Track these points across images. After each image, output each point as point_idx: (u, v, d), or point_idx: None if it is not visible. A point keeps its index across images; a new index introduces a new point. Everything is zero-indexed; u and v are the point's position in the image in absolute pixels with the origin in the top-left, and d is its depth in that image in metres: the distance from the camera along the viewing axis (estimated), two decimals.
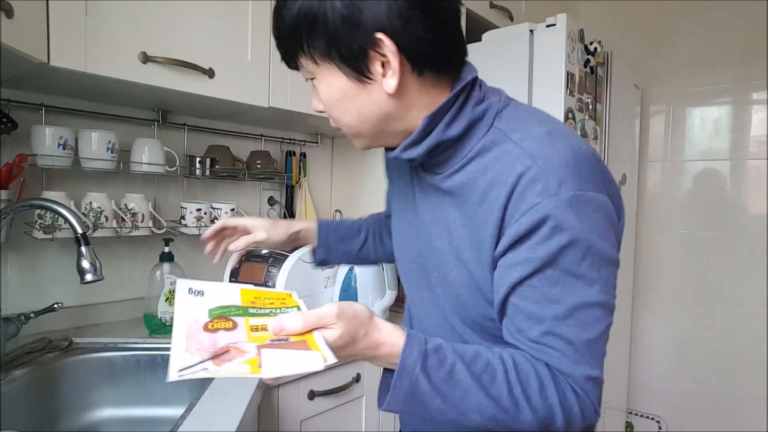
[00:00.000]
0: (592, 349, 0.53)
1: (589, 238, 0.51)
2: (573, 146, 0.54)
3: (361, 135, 0.62)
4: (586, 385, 0.53)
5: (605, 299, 0.53)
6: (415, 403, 0.51)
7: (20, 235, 1.12)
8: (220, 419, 0.76)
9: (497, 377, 0.52)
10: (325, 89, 0.59)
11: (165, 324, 1.18)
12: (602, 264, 0.53)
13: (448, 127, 0.58)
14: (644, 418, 2.24)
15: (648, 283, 2.24)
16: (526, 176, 0.52)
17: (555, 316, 0.52)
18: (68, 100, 1.20)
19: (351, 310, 0.51)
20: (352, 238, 0.92)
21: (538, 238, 0.51)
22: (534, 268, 0.52)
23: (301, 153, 1.74)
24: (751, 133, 1.99)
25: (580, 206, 0.51)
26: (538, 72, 1.50)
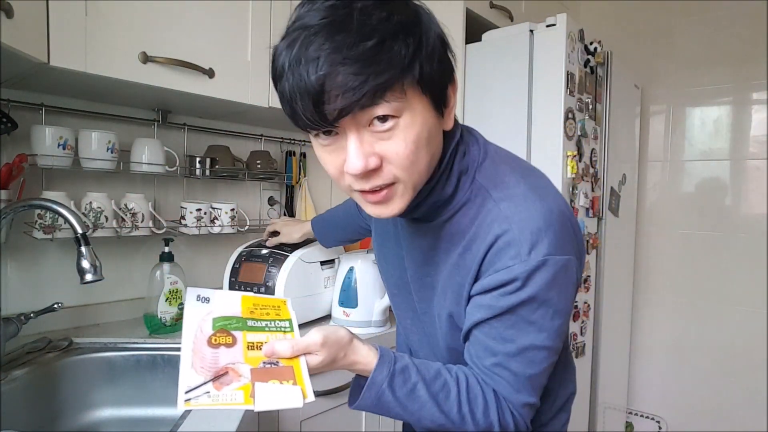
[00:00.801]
0: (533, 382, 0.62)
1: (546, 295, 0.58)
2: (545, 211, 0.58)
3: (417, 186, 0.58)
4: (522, 409, 0.63)
5: (551, 344, 0.61)
6: (379, 409, 0.62)
7: (20, 235, 1.12)
8: (220, 419, 0.76)
9: (450, 396, 0.61)
10: (418, 126, 0.53)
11: (165, 324, 1.18)
12: (555, 316, 0.60)
13: (444, 186, 0.62)
14: (644, 418, 2.24)
15: (648, 283, 2.24)
16: (502, 239, 0.58)
17: (506, 352, 0.61)
18: (68, 100, 1.20)
19: (335, 337, 0.59)
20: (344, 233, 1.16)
21: (503, 291, 0.58)
22: (495, 313, 0.60)
23: (301, 153, 1.74)
24: (751, 133, 1.99)
25: (545, 270, 0.57)
26: (538, 72, 1.50)
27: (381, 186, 0.55)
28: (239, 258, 1.28)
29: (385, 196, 0.56)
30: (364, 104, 0.48)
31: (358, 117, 0.50)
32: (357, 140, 0.52)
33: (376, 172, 0.54)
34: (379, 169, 0.53)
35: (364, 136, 0.52)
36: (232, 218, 1.40)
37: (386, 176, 0.54)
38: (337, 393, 1.13)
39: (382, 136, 0.52)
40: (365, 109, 0.49)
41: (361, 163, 0.52)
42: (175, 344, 1.13)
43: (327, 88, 0.48)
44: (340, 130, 0.52)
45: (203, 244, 1.50)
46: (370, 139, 0.52)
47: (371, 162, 0.52)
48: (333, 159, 0.56)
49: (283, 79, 0.52)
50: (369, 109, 0.49)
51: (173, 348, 1.11)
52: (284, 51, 0.51)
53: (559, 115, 1.46)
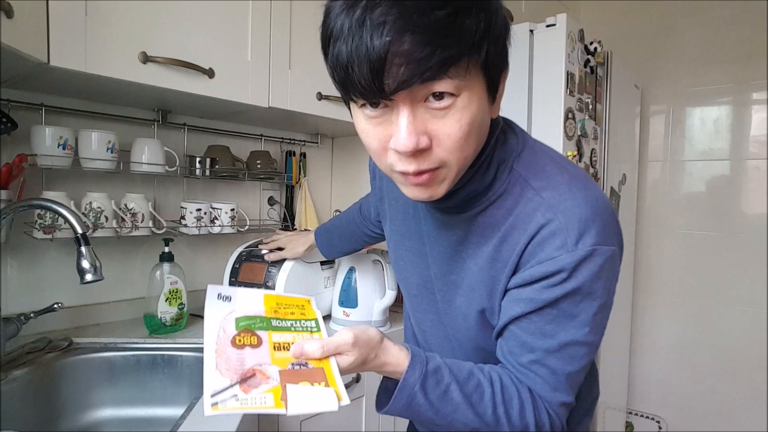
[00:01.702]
0: (571, 380, 0.60)
1: (591, 288, 0.55)
2: (591, 200, 0.56)
3: (460, 173, 0.55)
4: (560, 409, 0.60)
5: (593, 340, 0.58)
6: (410, 413, 0.58)
7: (20, 235, 1.12)
8: (220, 419, 0.76)
9: (485, 397, 0.58)
10: (474, 108, 0.50)
11: (165, 324, 1.18)
12: (598, 310, 0.57)
13: (484, 174, 0.59)
14: (644, 418, 2.24)
15: (648, 283, 2.24)
16: (546, 228, 0.55)
17: (546, 348, 0.58)
18: (68, 100, 1.20)
19: (365, 337, 0.56)
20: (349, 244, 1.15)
21: (546, 283, 0.55)
22: (535, 307, 0.57)
23: (301, 153, 1.74)
24: (751, 133, 1.99)
25: (593, 261, 0.54)
26: (538, 72, 1.50)
27: (426, 169, 0.51)
28: (239, 258, 1.28)
29: (428, 179, 0.52)
30: (427, 77, 0.45)
31: (416, 91, 0.47)
32: (410, 115, 0.48)
33: (424, 153, 0.50)
34: (428, 151, 0.50)
35: (417, 112, 0.48)
36: (232, 218, 1.40)
37: (434, 159, 0.51)
38: None
39: (436, 114, 0.48)
40: (426, 83, 0.46)
41: (413, 140, 0.48)
42: (175, 344, 1.13)
43: (390, 57, 0.44)
44: (391, 103, 0.49)
45: (203, 244, 1.50)
46: (423, 116, 0.49)
47: (422, 141, 0.49)
48: (378, 133, 0.51)
49: (340, 41, 0.46)
50: (430, 83, 0.46)
51: (173, 348, 1.11)
52: (343, 12, 0.46)
53: (559, 115, 1.46)
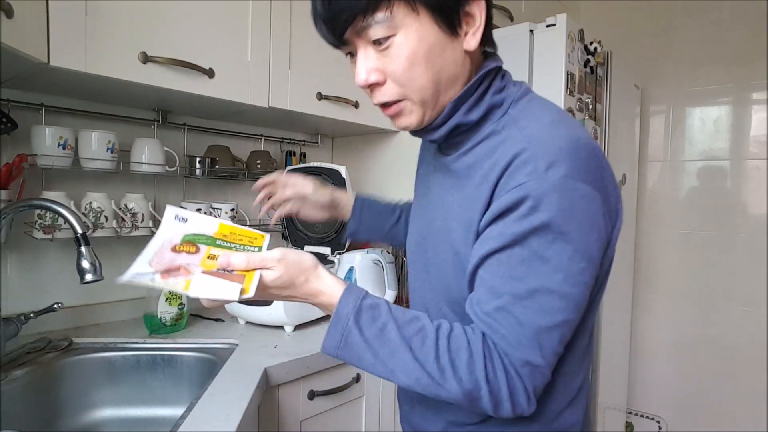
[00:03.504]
0: (541, 337, 0.53)
1: (564, 226, 0.52)
2: (572, 135, 0.55)
3: (424, 103, 0.59)
4: (523, 369, 0.54)
5: (568, 291, 0.53)
6: (348, 351, 0.56)
7: (20, 235, 1.12)
8: (220, 419, 0.76)
9: (427, 342, 0.55)
10: (413, 43, 0.56)
11: (165, 324, 1.18)
12: (575, 256, 0.52)
13: (470, 111, 0.61)
14: (644, 418, 2.24)
15: (648, 283, 2.24)
16: (519, 157, 0.54)
17: (514, 293, 0.53)
18: (68, 100, 1.20)
19: (295, 256, 0.57)
20: (387, 216, 0.94)
21: (515, 215, 0.53)
22: (504, 243, 0.53)
23: (301, 153, 1.74)
24: (751, 133, 1.99)
25: (564, 191, 0.51)
26: (538, 72, 1.50)
27: (388, 102, 0.60)
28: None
29: (394, 111, 0.61)
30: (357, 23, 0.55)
31: (363, 35, 0.56)
32: (363, 56, 0.58)
33: (381, 87, 0.59)
34: (383, 85, 0.59)
35: (369, 52, 0.58)
36: (232, 218, 1.40)
37: (390, 93, 0.59)
38: (337, 393, 1.13)
39: (383, 53, 0.57)
40: (363, 30, 0.56)
41: (363, 76, 0.58)
42: (175, 344, 1.13)
43: (329, 10, 0.56)
44: (353, 49, 0.59)
45: None
46: (375, 55, 0.58)
47: (372, 76, 0.58)
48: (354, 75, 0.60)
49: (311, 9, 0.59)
50: (365, 29, 0.56)
51: (173, 348, 1.11)
52: None
53: None
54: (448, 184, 0.65)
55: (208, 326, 1.26)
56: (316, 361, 1.08)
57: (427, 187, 0.72)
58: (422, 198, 0.74)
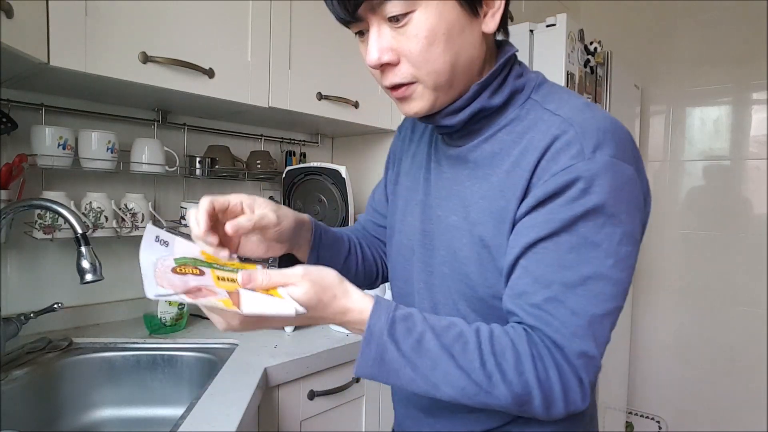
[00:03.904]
0: (595, 326, 0.50)
1: (615, 208, 0.50)
2: (609, 117, 0.54)
3: (441, 87, 0.56)
4: (578, 360, 0.50)
5: (620, 276, 0.51)
6: (385, 370, 0.50)
7: (20, 235, 1.12)
8: (220, 419, 0.76)
9: (469, 348, 0.50)
10: (433, 20, 0.52)
11: (165, 324, 1.18)
12: (623, 238, 0.51)
13: (493, 95, 0.58)
14: (644, 418, 2.24)
15: (648, 283, 2.24)
16: (561, 139, 0.52)
17: (565, 282, 0.50)
18: (68, 100, 1.20)
19: (318, 271, 0.51)
20: (339, 246, 0.76)
21: (563, 199, 0.50)
22: (552, 229, 0.50)
23: (301, 153, 1.74)
24: (751, 133, 1.99)
25: (613, 173, 0.50)
26: None
27: (399, 84, 0.55)
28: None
29: (403, 93, 0.56)
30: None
31: (378, 11, 0.52)
32: (376, 33, 0.54)
33: (394, 68, 0.55)
34: (397, 66, 0.55)
35: (383, 30, 0.54)
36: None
37: (403, 74, 0.55)
38: (337, 393, 1.13)
39: (399, 32, 0.53)
40: (380, 4, 0.52)
41: (375, 55, 0.54)
42: (175, 344, 1.13)
43: None
44: (366, 26, 0.55)
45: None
46: (389, 33, 0.54)
47: (385, 56, 0.54)
48: (365, 55, 0.57)
49: None
50: (383, 3, 0.52)
51: (173, 348, 1.11)
52: None
53: None
54: (463, 175, 0.61)
55: (208, 326, 1.26)
56: (316, 361, 1.08)
57: (423, 183, 0.68)
58: (415, 194, 0.69)
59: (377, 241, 0.82)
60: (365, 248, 0.80)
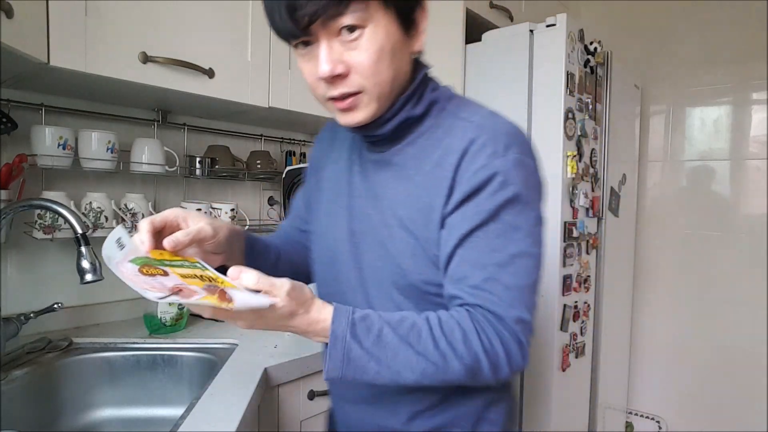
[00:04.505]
0: (526, 295, 0.60)
1: (528, 196, 0.60)
2: (512, 124, 0.64)
3: (380, 98, 0.61)
4: (516, 326, 0.59)
5: (538, 251, 0.62)
6: (352, 368, 0.57)
7: (20, 235, 1.12)
8: (220, 419, 0.76)
9: (423, 334, 0.58)
10: (382, 38, 0.58)
11: (165, 324, 1.18)
12: (536, 221, 0.62)
13: (415, 106, 0.65)
14: (644, 418, 2.24)
15: (648, 283, 2.24)
16: (477, 142, 0.60)
17: (497, 263, 0.59)
18: (68, 100, 1.20)
19: (299, 290, 0.56)
20: (269, 253, 0.79)
21: (486, 193, 0.59)
22: (481, 220, 0.59)
23: (301, 153, 1.74)
24: (751, 133, 1.99)
25: (523, 167, 0.60)
26: (538, 72, 1.50)
27: (347, 93, 0.60)
28: None
29: (350, 103, 0.61)
30: (330, 10, 0.55)
31: (328, 26, 0.57)
32: (327, 47, 0.58)
33: (343, 79, 0.59)
34: (346, 77, 0.59)
35: (333, 44, 0.58)
36: (232, 218, 1.40)
37: (352, 84, 0.60)
38: None
39: (349, 46, 0.58)
40: (334, 18, 0.56)
41: (328, 67, 0.58)
42: (175, 344, 1.13)
43: None
44: (314, 39, 0.58)
45: None
46: (339, 48, 0.58)
47: (338, 68, 0.58)
48: (310, 67, 0.61)
49: None
50: (336, 18, 0.56)
51: (173, 348, 1.11)
52: None
53: (559, 115, 1.46)
54: (388, 176, 0.67)
55: (208, 326, 1.26)
56: (316, 361, 1.08)
57: (347, 187, 0.72)
58: (339, 198, 0.73)
59: (301, 246, 0.85)
60: (291, 253, 0.84)
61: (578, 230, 1.56)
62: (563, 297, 1.50)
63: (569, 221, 1.51)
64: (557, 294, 1.48)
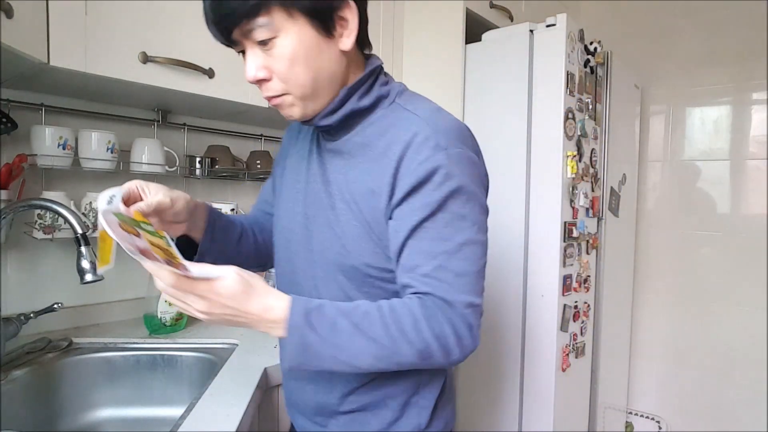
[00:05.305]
0: (474, 281, 0.63)
1: (471, 186, 0.64)
2: (456, 120, 0.68)
3: (307, 97, 0.66)
4: (466, 310, 0.62)
5: (482, 238, 0.66)
6: (309, 355, 0.59)
7: (20, 235, 1.12)
8: (220, 419, 0.76)
9: (374, 321, 0.61)
10: (293, 44, 0.62)
11: (165, 324, 1.19)
12: (481, 210, 0.66)
13: (361, 98, 0.69)
14: (644, 418, 2.24)
15: (648, 283, 2.24)
16: (420, 135, 0.63)
17: (446, 251, 0.62)
18: (68, 100, 1.20)
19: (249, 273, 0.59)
20: (232, 230, 0.82)
21: (432, 185, 0.62)
22: (429, 211, 0.62)
23: None
24: (751, 133, 1.99)
25: (465, 160, 0.64)
26: (538, 72, 1.50)
27: (272, 95, 0.66)
28: None
29: (277, 103, 0.67)
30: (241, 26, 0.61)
31: (249, 36, 0.62)
32: (251, 54, 0.64)
33: (267, 83, 0.65)
34: (270, 81, 0.65)
35: (255, 51, 0.64)
36: None
37: (274, 88, 0.65)
38: None
39: (268, 53, 0.63)
40: (247, 33, 0.62)
41: (251, 73, 0.64)
42: (175, 344, 1.13)
43: (216, 14, 0.62)
44: (243, 47, 0.65)
45: None
46: (261, 54, 0.64)
47: (260, 73, 0.64)
48: None
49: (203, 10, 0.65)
50: (249, 33, 0.62)
51: (173, 348, 1.12)
52: None
53: (559, 115, 1.46)
54: (340, 164, 0.71)
55: (208, 326, 1.26)
56: None
57: (305, 174, 0.76)
58: (297, 184, 0.77)
59: (267, 228, 0.89)
60: (257, 234, 0.88)
61: (578, 230, 1.56)
62: (563, 297, 1.50)
63: (569, 221, 1.51)
64: (557, 294, 1.48)
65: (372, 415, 0.72)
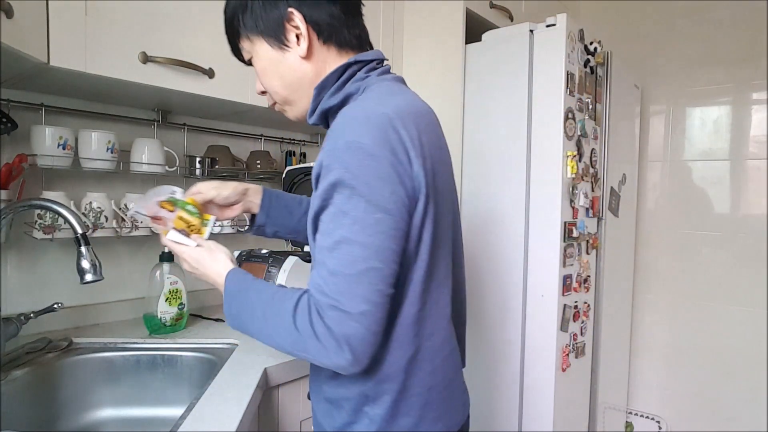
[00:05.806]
0: (348, 285, 0.58)
1: (354, 181, 0.59)
2: (371, 108, 0.63)
3: (288, 101, 0.77)
4: (329, 312, 0.58)
5: (366, 240, 0.58)
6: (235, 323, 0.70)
7: (20, 235, 1.12)
8: (220, 419, 0.76)
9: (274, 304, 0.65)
10: (260, 62, 0.75)
11: (165, 324, 1.18)
12: (368, 207, 0.59)
13: (331, 97, 0.72)
14: (644, 418, 2.24)
15: (648, 283, 2.24)
16: (334, 129, 0.64)
17: (326, 246, 0.60)
18: (68, 100, 1.20)
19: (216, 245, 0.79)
20: (294, 209, 0.94)
21: (321, 178, 0.62)
22: (318, 205, 0.62)
23: (301, 153, 1.74)
24: (751, 133, 1.99)
25: (350, 152, 0.59)
26: (538, 72, 1.50)
27: (271, 104, 0.80)
28: (239, 258, 1.28)
29: (276, 109, 0.81)
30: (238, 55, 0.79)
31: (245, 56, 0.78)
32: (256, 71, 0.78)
33: (266, 93, 0.79)
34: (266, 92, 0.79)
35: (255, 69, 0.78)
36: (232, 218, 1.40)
37: (269, 97, 0.79)
38: None
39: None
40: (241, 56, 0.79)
41: (258, 86, 0.80)
42: (175, 344, 1.13)
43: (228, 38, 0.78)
44: None
45: None
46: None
47: (259, 86, 0.79)
48: None
49: None
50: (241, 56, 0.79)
51: (173, 348, 1.11)
52: None
53: (559, 115, 1.46)
54: None
55: (208, 326, 1.26)
56: None
57: None
58: None
59: None
60: None
61: (578, 230, 1.56)
62: (563, 297, 1.50)
63: (569, 221, 1.51)
64: (557, 294, 1.48)
65: (336, 411, 0.73)
